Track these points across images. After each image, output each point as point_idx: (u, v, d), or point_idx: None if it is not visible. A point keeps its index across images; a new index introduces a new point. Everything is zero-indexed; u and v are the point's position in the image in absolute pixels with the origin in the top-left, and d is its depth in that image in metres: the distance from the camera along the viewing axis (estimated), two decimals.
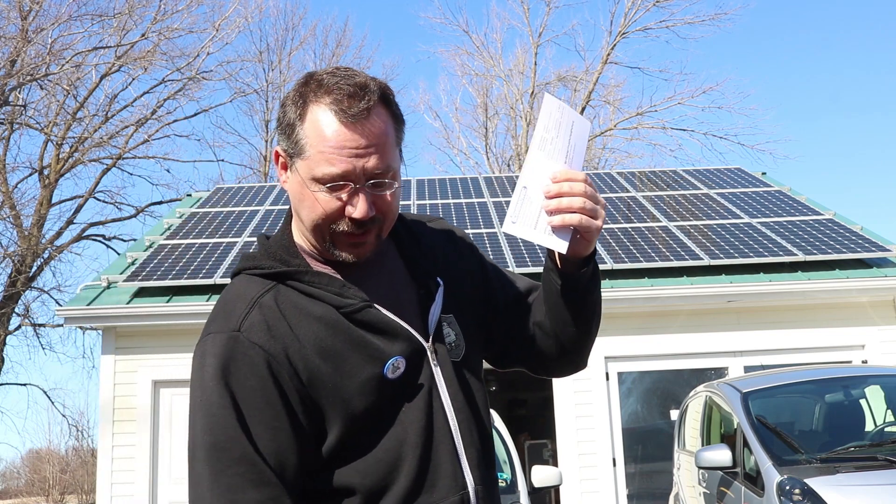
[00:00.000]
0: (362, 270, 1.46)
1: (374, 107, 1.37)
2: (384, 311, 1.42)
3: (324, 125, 1.36)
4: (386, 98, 1.41)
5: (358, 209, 1.37)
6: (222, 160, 32.08)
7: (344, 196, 1.37)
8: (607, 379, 9.17)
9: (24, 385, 21.93)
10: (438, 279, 1.50)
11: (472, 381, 1.50)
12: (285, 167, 1.44)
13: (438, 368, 1.43)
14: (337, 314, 1.39)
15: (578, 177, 1.39)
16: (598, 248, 1.57)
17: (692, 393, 7.30)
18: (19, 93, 19.78)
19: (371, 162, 1.36)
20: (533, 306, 1.60)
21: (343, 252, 1.41)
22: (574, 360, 1.60)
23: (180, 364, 8.66)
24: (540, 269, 7.99)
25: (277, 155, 1.45)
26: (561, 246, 1.40)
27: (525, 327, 1.60)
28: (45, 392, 21.59)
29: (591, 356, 1.65)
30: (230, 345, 1.35)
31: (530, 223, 1.39)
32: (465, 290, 1.55)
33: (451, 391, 1.44)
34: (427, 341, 1.43)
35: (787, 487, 4.95)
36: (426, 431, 1.40)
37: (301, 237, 1.47)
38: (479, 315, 1.57)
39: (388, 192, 1.40)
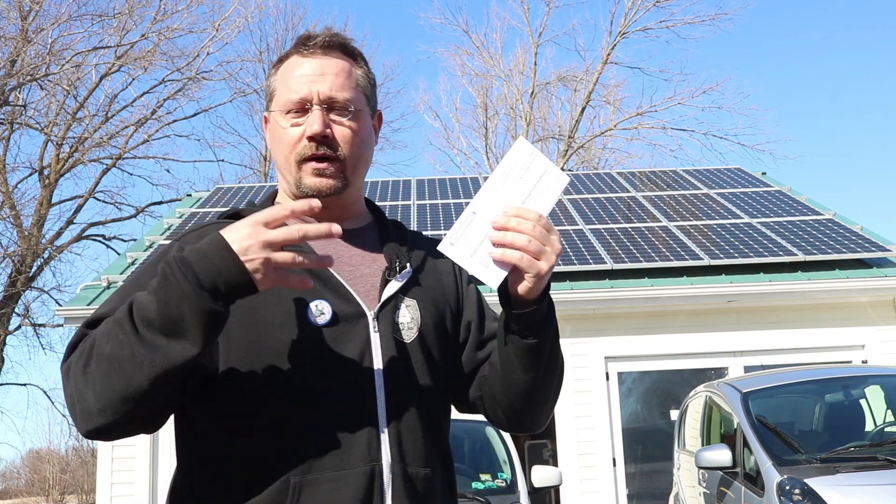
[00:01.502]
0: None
1: (333, 47, 1.49)
2: (331, 270, 1.42)
3: (288, 65, 1.50)
4: (351, 52, 1.51)
5: (312, 125, 1.43)
6: (222, 160, 32.12)
7: (303, 119, 1.46)
8: (607, 379, 9.17)
9: (24, 385, 21.98)
10: (408, 264, 1.49)
11: (419, 367, 1.44)
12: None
13: (378, 338, 1.40)
14: None
15: (529, 215, 1.34)
16: (552, 299, 1.48)
17: (692, 393, 7.30)
18: (19, 93, 19.78)
19: (325, 85, 1.45)
20: (495, 349, 1.53)
21: (308, 180, 1.46)
22: (521, 413, 1.49)
23: None
24: None
25: (265, 120, 1.56)
26: (493, 280, 1.35)
27: (482, 365, 1.54)
28: (45, 392, 21.64)
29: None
30: (162, 246, 1.39)
31: (468, 250, 1.34)
32: (438, 293, 1.53)
33: (389, 365, 1.39)
34: (371, 310, 1.41)
35: (787, 487, 4.95)
36: (346, 393, 1.36)
37: (282, 194, 1.54)
38: (445, 323, 1.52)
39: (346, 121, 1.46)
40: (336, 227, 1.27)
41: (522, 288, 1.37)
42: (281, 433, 1.33)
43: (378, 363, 1.39)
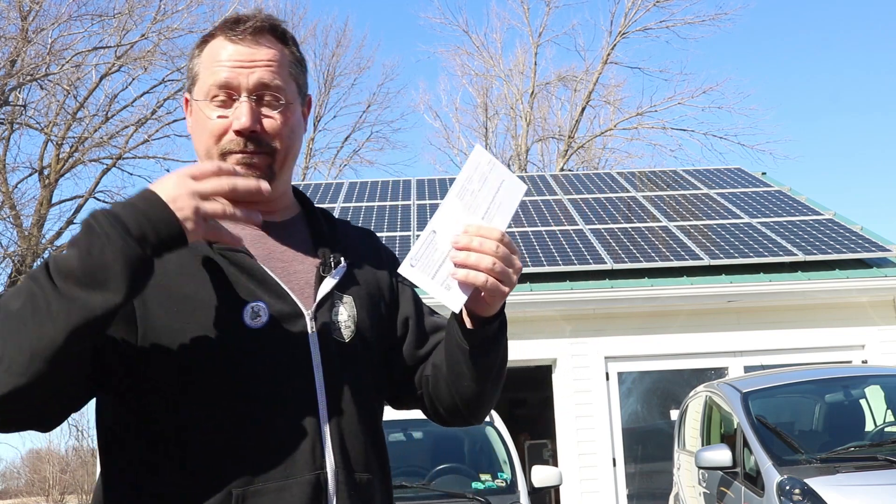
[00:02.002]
0: (261, 231, 1.42)
1: (263, 31, 1.39)
2: (263, 266, 1.35)
3: (214, 48, 1.40)
4: (282, 35, 1.42)
5: (240, 118, 1.34)
6: None
7: (229, 110, 1.36)
8: (607, 379, 9.17)
9: None
10: (342, 259, 1.43)
11: (358, 367, 1.40)
12: (192, 113, 1.44)
13: (316, 338, 1.35)
14: (209, 248, 1.33)
15: (493, 234, 1.30)
16: (506, 306, 1.46)
17: (692, 393, 7.30)
18: (19, 93, 19.78)
19: (255, 74, 1.36)
20: (437, 347, 1.50)
21: None
22: (465, 415, 1.49)
23: None
24: (545, 270, 7.89)
25: (186, 102, 1.45)
26: (455, 303, 1.30)
27: (423, 363, 1.51)
28: None
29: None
30: None
31: (429, 271, 1.28)
32: (372, 287, 1.48)
33: (327, 366, 1.34)
34: (308, 309, 1.36)
35: (787, 487, 4.96)
36: (287, 399, 1.29)
37: None
38: (381, 318, 1.48)
39: (276, 113, 1.38)
40: (265, 185, 1.24)
41: (481, 308, 1.34)
42: (220, 443, 1.26)
43: (318, 365, 1.34)
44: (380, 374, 1.47)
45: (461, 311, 1.36)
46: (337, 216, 1.67)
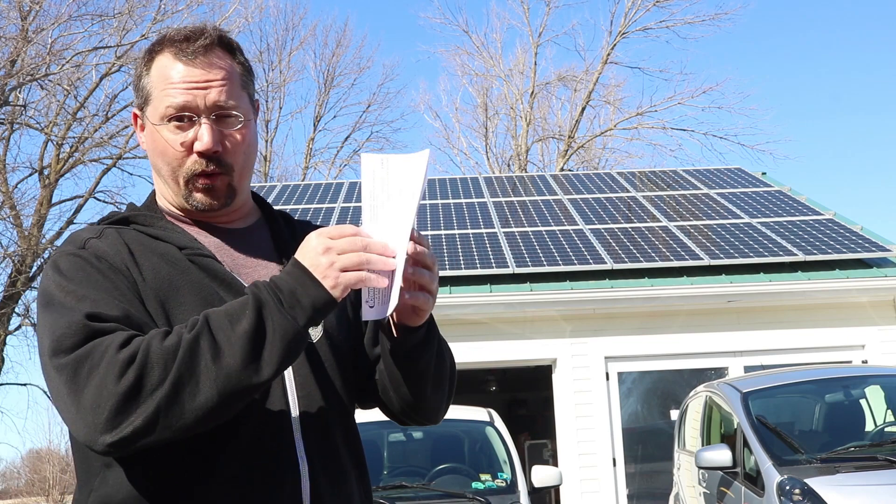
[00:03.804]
0: (224, 236, 1.45)
1: (213, 47, 1.40)
2: (231, 271, 1.38)
3: (165, 67, 1.39)
4: (229, 46, 1.43)
5: (202, 140, 1.36)
6: None
7: (190, 133, 1.37)
8: (607, 379, 9.17)
9: (25, 385, 21.98)
10: None
11: (328, 368, 1.42)
12: (143, 127, 1.45)
13: None
14: (180, 253, 1.36)
15: (428, 259, 1.32)
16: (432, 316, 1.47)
17: (692, 393, 7.30)
18: (19, 93, 19.77)
19: (212, 95, 1.38)
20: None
21: (197, 195, 1.40)
22: (415, 418, 1.52)
23: None
24: (545, 270, 7.87)
25: (135, 117, 1.47)
26: (382, 314, 1.30)
27: (377, 363, 1.54)
28: (45, 392, 21.59)
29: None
30: (76, 254, 1.33)
31: (384, 300, 1.29)
32: None
33: (298, 369, 1.37)
34: None
35: (787, 487, 4.96)
36: (257, 402, 1.31)
37: (163, 199, 1.47)
38: (348, 317, 1.51)
39: (235, 130, 1.40)
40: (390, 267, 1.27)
41: (413, 320, 1.37)
42: (190, 448, 1.27)
43: (288, 372, 1.36)
44: (349, 374, 1.49)
45: (388, 321, 1.39)
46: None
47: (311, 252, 1.24)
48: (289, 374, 1.36)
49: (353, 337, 1.52)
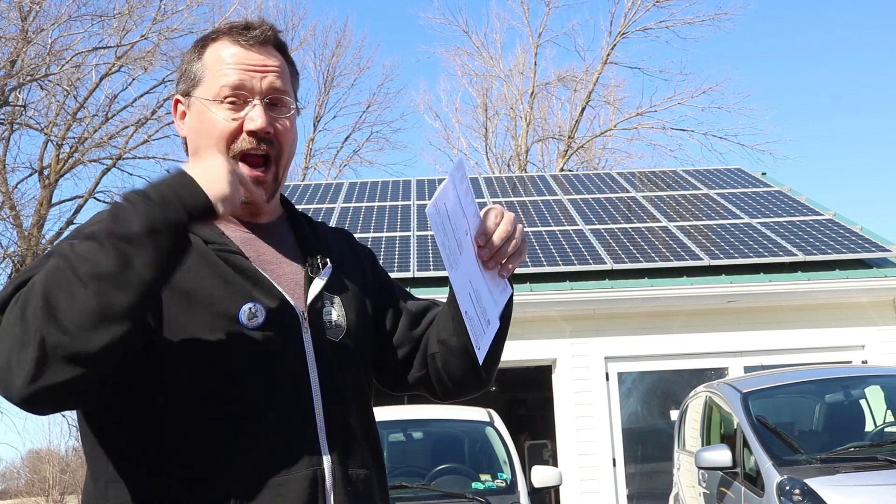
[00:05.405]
0: (251, 231, 1.45)
1: (269, 41, 1.43)
2: (257, 267, 1.37)
3: (222, 51, 1.42)
4: (281, 46, 1.46)
5: (256, 120, 1.38)
6: None
7: (242, 113, 1.39)
8: (607, 379, 9.17)
9: None
10: (328, 260, 1.46)
11: (350, 364, 1.43)
12: (183, 115, 1.45)
13: (310, 338, 1.38)
14: (206, 247, 1.35)
15: (508, 223, 1.40)
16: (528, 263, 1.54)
17: (692, 393, 7.30)
18: (19, 93, 19.77)
19: (269, 79, 1.41)
20: (434, 324, 1.56)
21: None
22: (482, 378, 1.54)
23: None
24: (545, 270, 7.84)
25: (176, 103, 1.46)
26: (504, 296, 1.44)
27: (421, 343, 1.56)
28: None
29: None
30: None
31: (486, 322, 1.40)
32: (356, 286, 1.52)
33: (322, 366, 1.37)
34: (301, 309, 1.38)
35: (787, 487, 4.96)
36: (281, 397, 1.32)
37: None
38: (367, 316, 1.52)
39: (286, 118, 1.42)
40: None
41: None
42: (217, 440, 1.28)
43: (312, 365, 1.37)
44: (370, 371, 1.52)
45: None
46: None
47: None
48: (312, 369, 1.37)
49: (378, 333, 1.55)
